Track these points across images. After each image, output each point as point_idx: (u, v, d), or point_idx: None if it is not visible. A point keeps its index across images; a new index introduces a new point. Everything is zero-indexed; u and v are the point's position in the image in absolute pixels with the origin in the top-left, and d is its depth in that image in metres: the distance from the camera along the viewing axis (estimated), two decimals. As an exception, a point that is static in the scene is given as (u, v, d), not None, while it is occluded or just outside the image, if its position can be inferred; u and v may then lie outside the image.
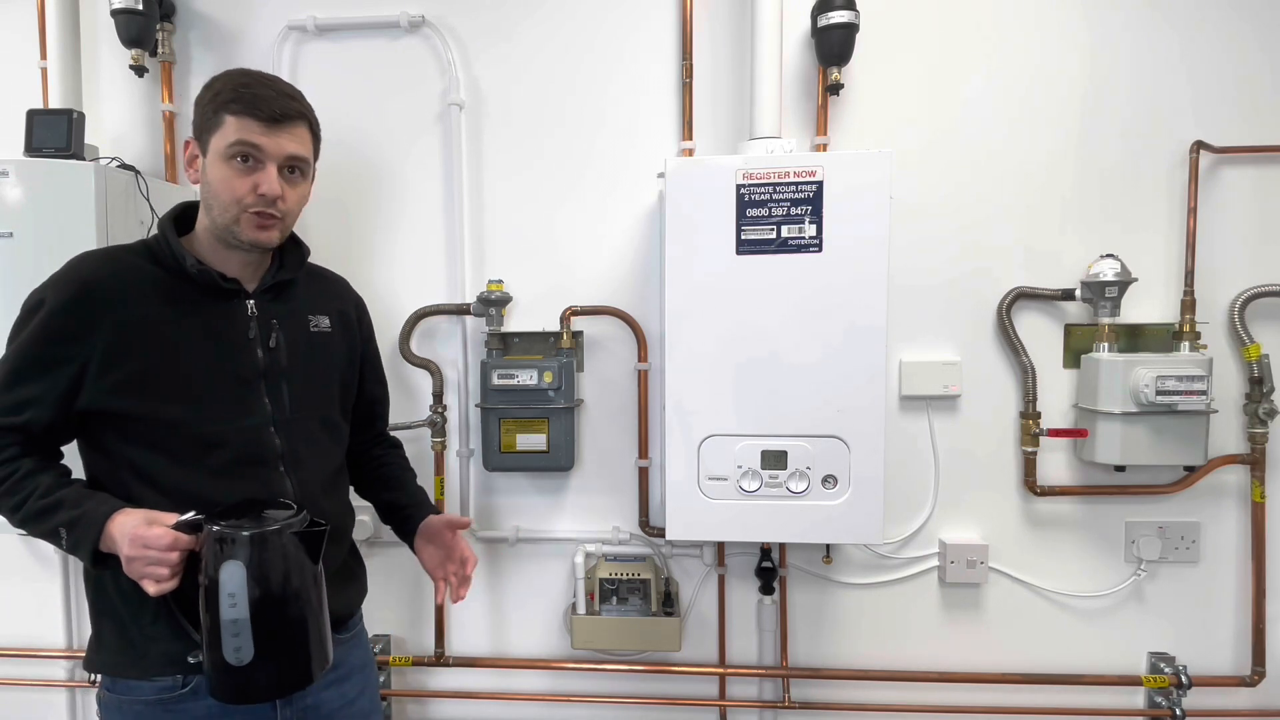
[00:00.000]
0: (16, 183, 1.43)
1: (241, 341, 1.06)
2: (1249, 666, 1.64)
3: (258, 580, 0.90)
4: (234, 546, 0.90)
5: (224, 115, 1.01)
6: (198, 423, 1.02)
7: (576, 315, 1.69)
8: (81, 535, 0.94)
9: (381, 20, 1.68)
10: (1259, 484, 1.60)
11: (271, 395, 1.08)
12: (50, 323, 0.98)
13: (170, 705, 1.02)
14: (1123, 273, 1.52)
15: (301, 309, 1.15)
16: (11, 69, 1.75)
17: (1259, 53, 1.57)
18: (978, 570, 1.66)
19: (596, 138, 1.69)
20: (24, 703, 1.87)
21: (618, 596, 1.72)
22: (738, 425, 1.41)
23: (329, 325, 1.18)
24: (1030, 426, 1.61)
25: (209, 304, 1.05)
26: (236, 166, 1.01)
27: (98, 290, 0.99)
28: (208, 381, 1.03)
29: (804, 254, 1.36)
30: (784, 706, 1.72)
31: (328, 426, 1.18)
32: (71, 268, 1.02)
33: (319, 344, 1.16)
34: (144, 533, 0.91)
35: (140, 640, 1.02)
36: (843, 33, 1.53)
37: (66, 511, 0.96)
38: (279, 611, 0.92)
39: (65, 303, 0.98)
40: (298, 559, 0.94)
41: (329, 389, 1.18)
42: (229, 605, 0.89)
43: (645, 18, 1.67)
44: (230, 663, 0.90)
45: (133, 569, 0.92)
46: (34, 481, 0.98)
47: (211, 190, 1.03)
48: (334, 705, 1.13)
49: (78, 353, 0.98)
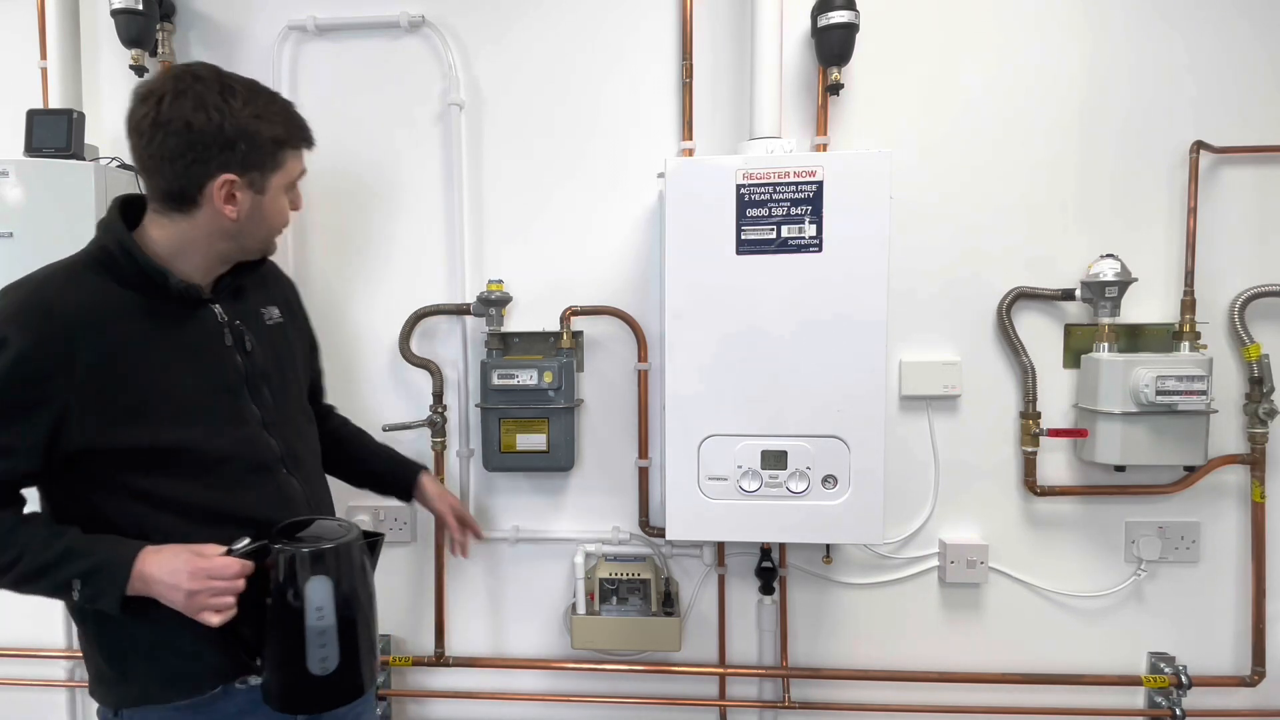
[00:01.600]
0: (16, 183, 1.44)
1: (219, 349, 1.03)
2: (1249, 666, 1.64)
3: (339, 591, 0.95)
4: (321, 563, 0.94)
5: (286, 151, 1.01)
6: (199, 440, 0.98)
7: (576, 315, 1.69)
8: (105, 584, 0.90)
9: (381, 20, 1.68)
10: (1259, 484, 1.60)
11: (256, 399, 1.05)
12: (19, 363, 0.87)
13: (202, 708, 1.01)
14: (1123, 273, 1.52)
15: (254, 304, 1.12)
16: (11, 69, 1.74)
17: (1259, 53, 1.57)
18: (978, 570, 1.66)
19: (596, 138, 1.69)
20: (24, 703, 1.87)
21: (618, 596, 1.72)
22: (738, 425, 1.41)
23: (279, 315, 1.15)
24: (1030, 426, 1.61)
25: (181, 318, 1.00)
26: (288, 195, 1.04)
27: (67, 319, 0.90)
28: (199, 397, 0.99)
29: (804, 254, 1.36)
30: (784, 706, 1.72)
31: (307, 417, 1.18)
32: (30, 295, 0.92)
33: (279, 336, 1.14)
34: (204, 564, 0.90)
35: (180, 659, 0.98)
36: (843, 33, 1.53)
37: (77, 562, 0.90)
38: (355, 618, 0.97)
39: (35, 339, 0.88)
40: (364, 567, 1.00)
41: (300, 379, 1.18)
42: (316, 618, 0.93)
43: (645, 18, 1.66)
44: (315, 673, 0.94)
45: (194, 602, 0.90)
46: (22, 536, 0.91)
47: (265, 222, 1.03)
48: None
49: (55, 392, 0.89)
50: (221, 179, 0.95)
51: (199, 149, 0.94)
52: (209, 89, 0.94)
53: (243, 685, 1.00)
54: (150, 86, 0.96)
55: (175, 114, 0.93)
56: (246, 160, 0.96)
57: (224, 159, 0.95)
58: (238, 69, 1.72)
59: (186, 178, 0.95)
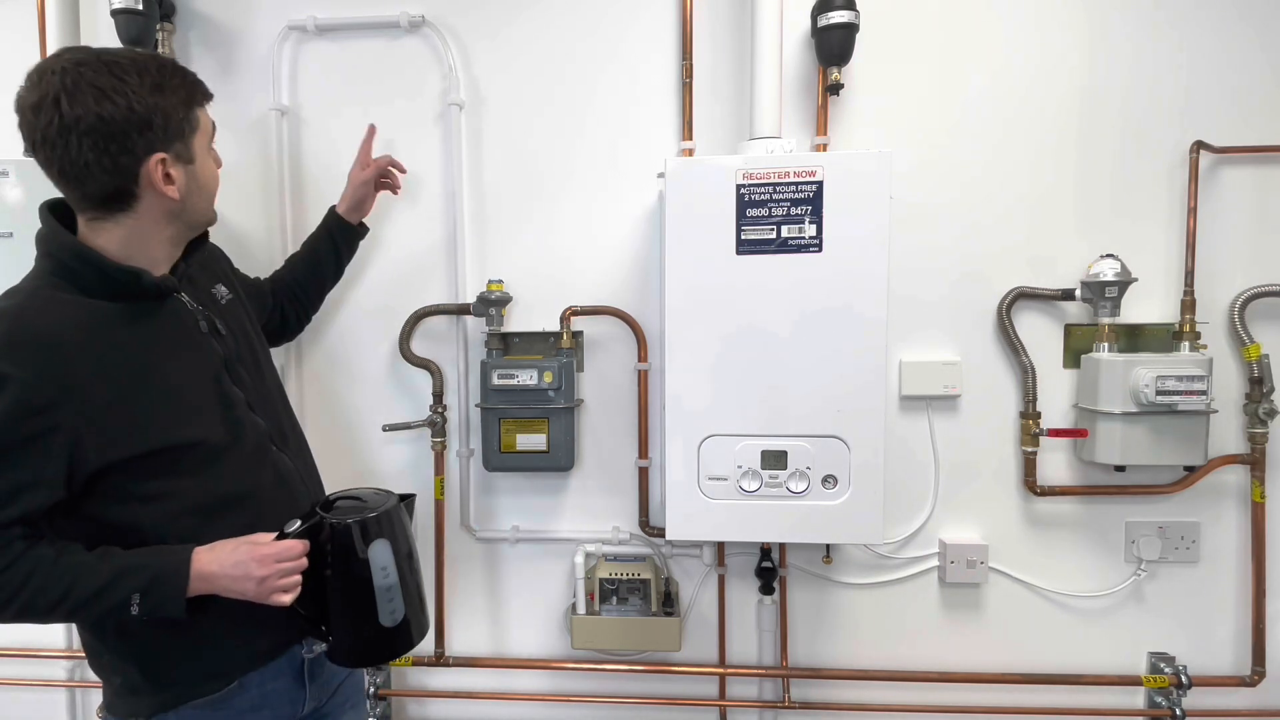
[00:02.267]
0: (16, 183, 1.43)
1: (198, 338, 1.03)
2: (1249, 666, 1.64)
3: (397, 549, 1.05)
4: (379, 527, 1.04)
5: (195, 111, 0.97)
6: (201, 433, 0.99)
7: (576, 315, 1.69)
8: (167, 592, 0.92)
9: (381, 20, 1.68)
10: (1259, 484, 1.60)
11: (237, 381, 1.06)
12: (23, 398, 0.86)
13: (219, 703, 1.03)
14: (1123, 273, 1.52)
15: (205, 287, 1.11)
16: (11, 69, 1.74)
17: (1259, 53, 1.56)
18: (978, 570, 1.66)
19: (596, 137, 1.69)
20: (24, 703, 1.87)
21: (618, 596, 1.72)
22: (738, 425, 1.41)
23: (227, 291, 1.15)
24: (1030, 426, 1.61)
25: (154, 315, 0.98)
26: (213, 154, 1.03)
27: (57, 344, 0.88)
28: (191, 390, 0.99)
29: (804, 254, 1.36)
30: (784, 706, 1.72)
31: (278, 385, 1.20)
32: (14, 328, 0.88)
33: (235, 313, 1.14)
34: (267, 551, 0.96)
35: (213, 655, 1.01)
36: (843, 33, 1.53)
37: (132, 579, 0.90)
38: (412, 570, 1.09)
39: (32, 370, 0.86)
40: (406, 523, 1.10)
41: (265, 352, 1.19)
42: (382, 577, 1.03)
43: (645, 17, 1.66)
44: (387, 626, 1.04)
45: (266, 587, 0.95)
46: (69, 567, 0.89)
47: (202, 189, 1.00)
48: (341, 677, 1.21)
49: (63, 419, 0.88)
50: (153, 161, 0.92)
51: (120, 139, 0.89)
52: (100, 74, 0.88)
53: (309, 654, 1.08)
54: (38, 90, 0.89)
55: (81, 111, 0.88)
56: (168, 134, 0.93)
57: (148, 140, 0.91)
58: (238, 69, 1.75)
59: (117, 173, 0.91)
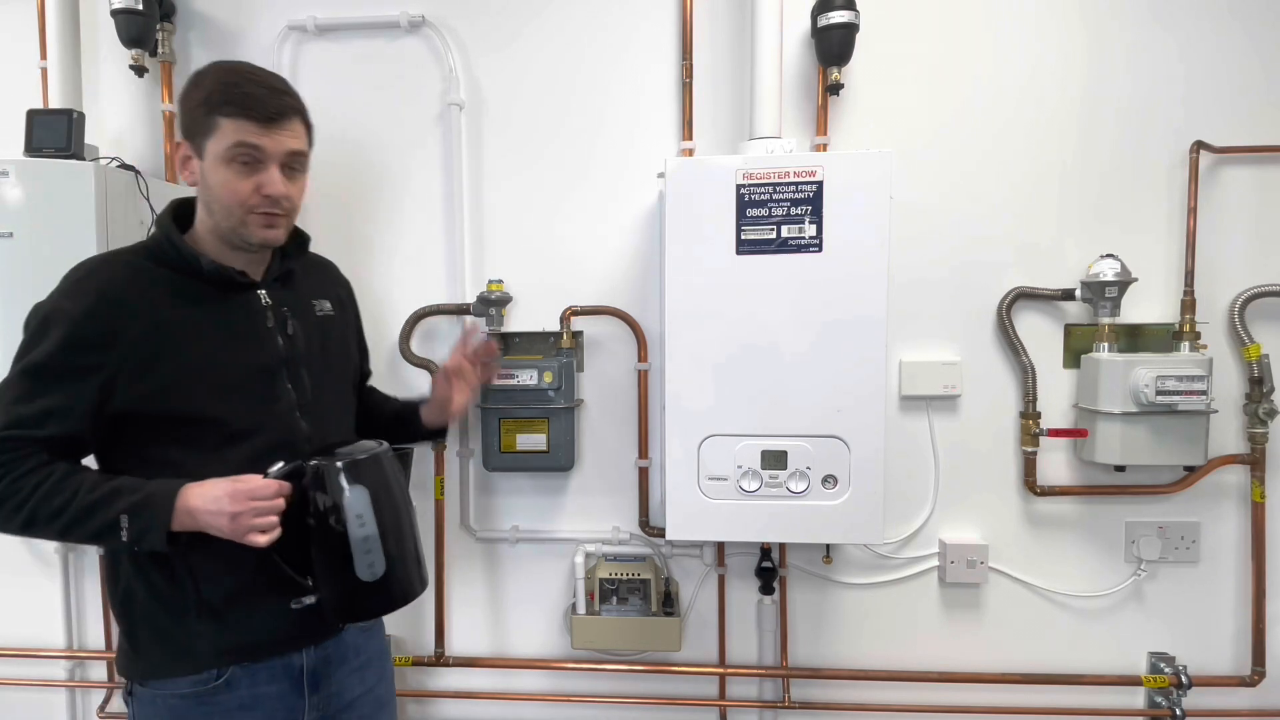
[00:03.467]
0: (16, 183, 1.43)
1: (261, 332, 1.08)
2: (1249, 666, 1.64)
3: (378, 498, 1.00)
4: (356, 472, 0.99)
5: (217, 118, 0.99)
6: (231, 416, 1.03)
7: (576, 315, 1.69)
8: (151, 518, 0.94)
9: (381, 20, 1.68)
10: (1259, 484, 1.60)
11: (294, 381, 1.10)
12: (72, 332, 0.96)
13: (205, 698, 1.05)
14: (1123, 273, 1.52)
15: (305, 295, 1.17)
16: (11, 69, 1.75)
17: (1259, 52, 1.57)
18: (978, 570, 1.66)
19: (597, 137, 1.69)
20: (24, 703, 1.87)
21: (618, 596, 1.72)
22: (738, 425, 1.41)
23: (330, 308, 1.21)
24: (1030, 426, 1.61)
25: (224, 300, 1.06)
26: (237, 169, 1.01)
27: (116, 298, 0.99)
28: (236, 375, 1.05)
29: (804, 254, 1.36)
30: (784, 706, 1.72)
31: (343, 405, 1.22)
32: (82, 277, 1.01)
33: (327, 327, 1.19)
34: (243, 487, 0.96)
35: (185, 637, 1.04)
36: (843, 33, 1.53)
37: (126, 498, 0.95)
38: (397, 523, 1.03)
39: (85, 311, 0.97)
40: (399, 476, 1.06)
41: (344, 370, 1.23)
42: (358, 525, 0.98)
43: (645, 18, 1.66)
44: (365, 579, 0.99)
45: (239, 524, 0.95)
46: (73, 481, 0.96)
47: (213, 194, 1.03)
48: (356, 693, 1.17)
49: (104, 361, 0.97)
50: (177, 143, 1.05)
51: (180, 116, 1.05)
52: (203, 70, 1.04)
53: (297, 605, 1.04)
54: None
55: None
56: (187, 126, 1.03)
57: (178, 128, 1.05)
58: (238, 69, 1.74)
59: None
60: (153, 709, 1.06)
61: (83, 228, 1.44)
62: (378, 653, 1.24)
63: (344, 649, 1.16)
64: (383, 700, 1.24)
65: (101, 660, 1.84)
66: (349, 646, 1.17)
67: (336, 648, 1.14)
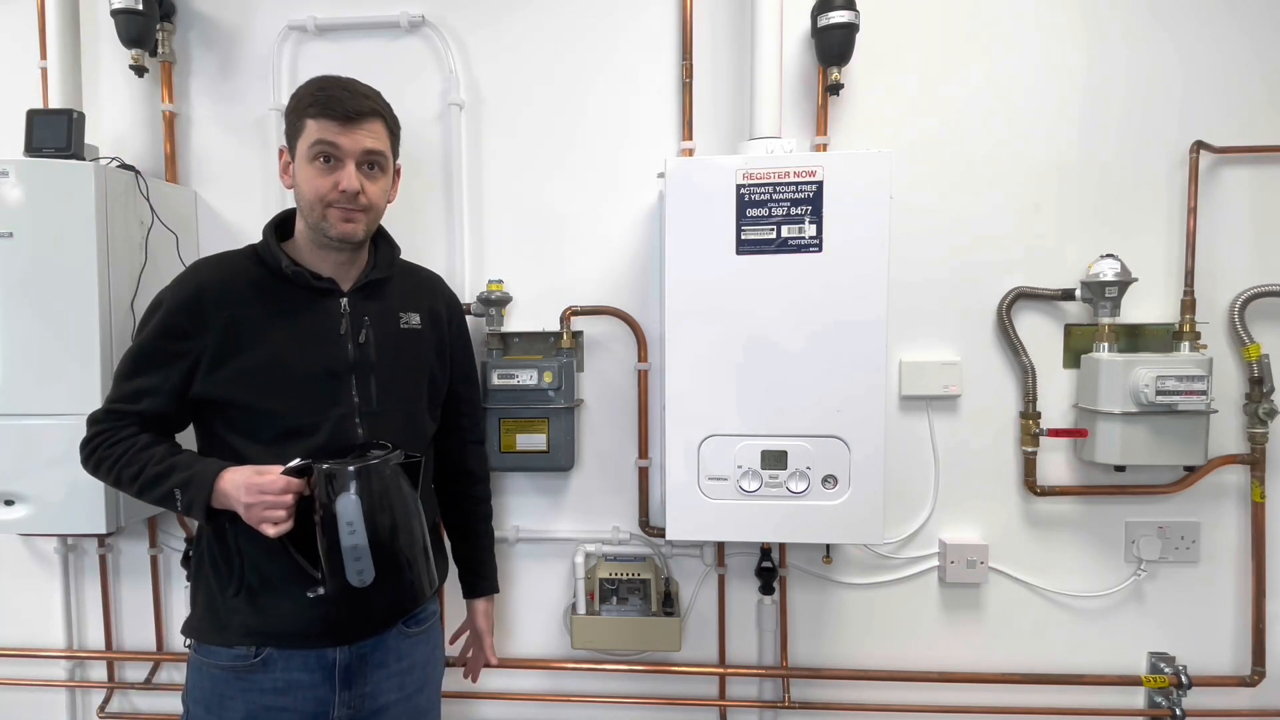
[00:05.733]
0: (16, 183, 1.43)
1: (333, 336, 1.13)
2: (1249, 666, 1.64)
3: (370, 508, 1.01)
4: (346, 480, 1.01)
5: (305, 120, 1.09)
6: (292, 413, 1.10)
7: (576, 315, 1.69)
8: (195, 493, 1.05)
9: (381, 20, 1.68)
10: (1259, 484, 1.60)
11: (360, 388, 1.14)
12: (168, 321, 1.09)
13: (242, 674, 1.11)
14: (1123, 273, 1.52)
15: (393, 306, 1.21)
16: (11, 69, 1.75)
17: (1259, 52, 1.57)
18: (978, 570, 1.66)
19: (597, 137, 1.69)
20: (24, 703, 1.87)
21: (618, 596, 1.72)
22: (738, 425, 1.41)
23: (419, 322, 1.23)
24: (1030, 426, 1.61)
25: (305, 302, 1.13)
26: (319, 166, 1.08)
27: (210, 292, 1.10)
28: (302, 374, 1.11)
29: (804, 254, 1.36)
30: (784, 706, 1.72)
31: (411, 420, 1.22)
32: (190, 272, 1.14)
33: (408, 340, 1.21)
34: (258, 480, 1.02)
35: (224, 611, 1.12)
36: (843, 33, 1.53)
37: (180, 474, 1.06)
38: (390, 534, 1.03)
39: (181, 303, 1.10)
40: (399, 487, 1.05)
41: (417, 384, 1.23)
42: (348, 533, 1.00)
43: (645, 18, 1.67)
44: (354, 585, 1.02)
45: (251, 514, 1.02)
46: (150, 452, 1.08)
47: (300, 191, 1.11)
48: (391, 697, 1.18)
49: (191, 348, 1.09)
50: (280, 149, 1.15)
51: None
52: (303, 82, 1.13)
53: (312, 594, 1.07)
54: None
55: None
56: (288, 133, 1.13)
57: (285, 134, 1.14)
58: (238, 69, 1.75)
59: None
60: (199, 676, 1.14)
61: (83, 228, 1.44)
62: (424, 660, 1.23)
63: (384, 652, 1.17)
64: (421, 710, 1.24)
65: (102, 660, 1.84)
66: (390, 650, 1.17)
67: (376, 649, 1.16)
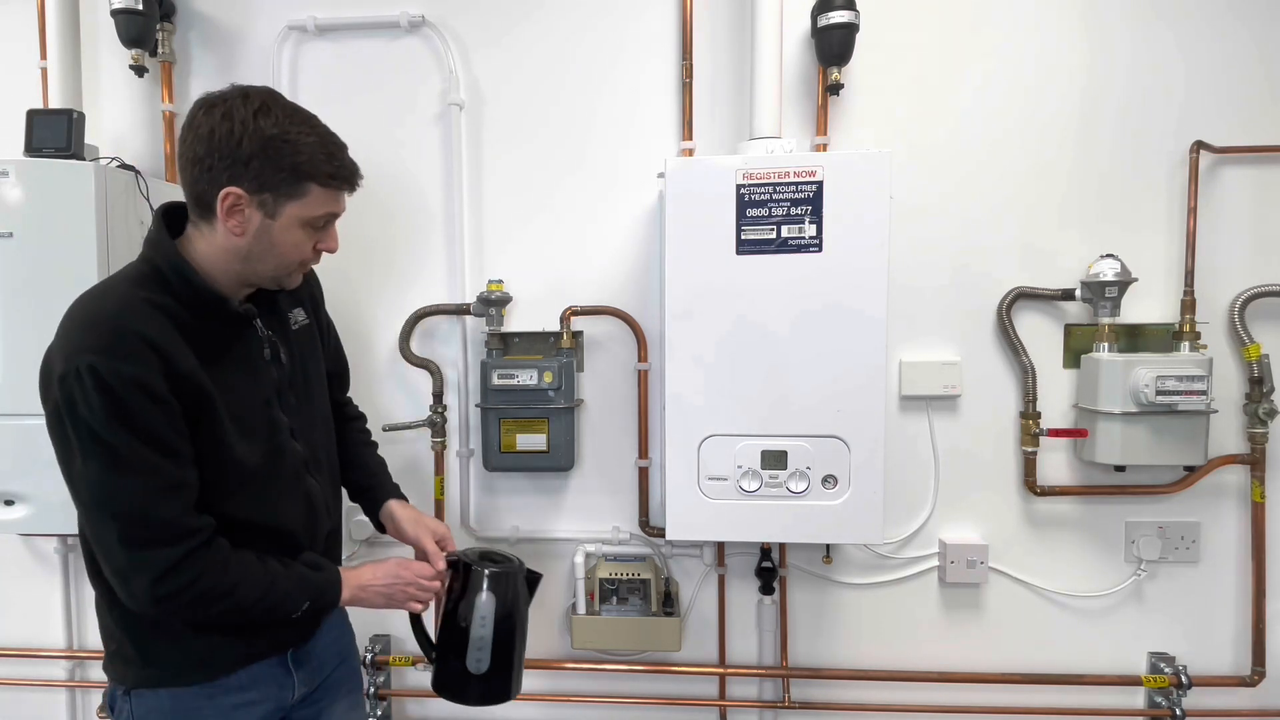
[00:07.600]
0: (16, 183, 1.43)
1: (261, 363, 1.06)
2: (1249, 666, 1.64)
3: (502, 608, 1.15)
4: (493, 581, 1.15)
5: (309, 184, 0.96)
6: (245, 454, 1.00)
7: (576, 315, 1.69)
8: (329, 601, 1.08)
9: (381, 20, 1.68)
10: (1259, 484, 1.60)
11: (285, 407, 1.09)
12: (147, 387, 0.90)
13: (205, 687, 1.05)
14: (1123, 273, 1.52)
15: (283, 309, 1.13)
16: (11, 69, 1.75)
17: (1259, 52, 1.56)
18: (978, 570, 1.66)
19: (596, 137, 1.69)
20: (24, 703, 1.87)
21: (618, 596, 1.72)
22: (737, 425, 1.41)
23: (304, 316, 1.18)
24: (1030, 426, 1.61)
25: (234, 334, 1.03)
26: (310, 232, 1.00)
27: (159, 345, 0.92)
28: (248, 411, 1.02)
29: (804, 254, 1.36)
30: (784, 706, 1.72)
31: (324, 418, 1.20)
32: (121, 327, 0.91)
33: (304, 340, 1.16)
34: (409, 573, 1.13)
35: (204, 649, 1.04)
36: (843, 33, 1.53)
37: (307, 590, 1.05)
38: (510, 633, 1.17)
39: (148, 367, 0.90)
40: (523, 596, 1.20)
41: (321, 381, 1.20)
42: (480, 625, 1.14)
43: (645, 18, 1.66)
44: (471, 670, 1.15)
45: (395, 597, 1.12)
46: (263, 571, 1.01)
47: (274, 251, 0.99)
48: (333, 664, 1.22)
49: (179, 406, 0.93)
50: (225, 191, 0.93)
51: (214, 157, 0.93)
52: (247, 105, 0.94)
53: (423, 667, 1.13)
54: (209, 96, 0.97)
55: (206, 121, 0.94)
56: (260, 179, 0.94)
57: (234, 172, 0.93)
58: (238, 69, 1.75)
59: (200, 184, 0.95)
60: (154, 701, 1.05)
61: (83, 228, 1.44)
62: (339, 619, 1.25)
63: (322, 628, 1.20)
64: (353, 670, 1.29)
65: (101, 660, 1.84)
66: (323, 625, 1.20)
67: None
